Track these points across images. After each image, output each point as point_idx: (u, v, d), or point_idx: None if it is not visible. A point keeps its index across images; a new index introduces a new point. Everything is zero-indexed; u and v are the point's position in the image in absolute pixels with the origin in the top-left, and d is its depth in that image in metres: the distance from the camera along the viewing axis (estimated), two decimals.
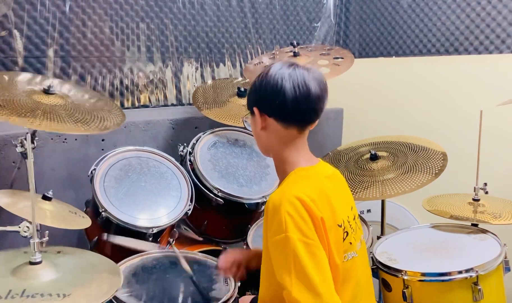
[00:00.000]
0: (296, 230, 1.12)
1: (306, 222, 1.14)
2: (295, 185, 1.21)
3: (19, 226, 1.49)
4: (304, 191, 1.17)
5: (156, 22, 2.40)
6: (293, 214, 1.13)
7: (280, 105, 1.23)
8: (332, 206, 1.21)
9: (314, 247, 1.13)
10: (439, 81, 2.63)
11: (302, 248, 1.11)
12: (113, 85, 2.32)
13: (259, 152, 2.25)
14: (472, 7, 2.58)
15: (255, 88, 1.29)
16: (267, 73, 1.25)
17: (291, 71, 1.23)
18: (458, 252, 1.69)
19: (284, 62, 1.27)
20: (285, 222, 1.12)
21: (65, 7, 2.12)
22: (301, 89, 1.21)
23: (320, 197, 1.19)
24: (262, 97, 1.26)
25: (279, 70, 1.24)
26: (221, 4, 2.61)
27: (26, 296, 1.16)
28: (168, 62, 2.48)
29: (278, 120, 1.25)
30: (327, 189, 1.23)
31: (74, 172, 2.14)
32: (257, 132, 1.31)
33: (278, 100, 1.22)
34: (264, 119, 1.27)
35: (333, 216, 1.21)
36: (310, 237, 1.13)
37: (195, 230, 2.10)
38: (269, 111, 1.26)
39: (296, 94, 1.21)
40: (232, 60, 2.71)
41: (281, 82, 1.21)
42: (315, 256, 1.12)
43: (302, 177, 1.24)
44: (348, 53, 2.36)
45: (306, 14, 3.03)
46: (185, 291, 1.53)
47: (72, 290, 1.20)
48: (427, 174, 1.88)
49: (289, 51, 2.38)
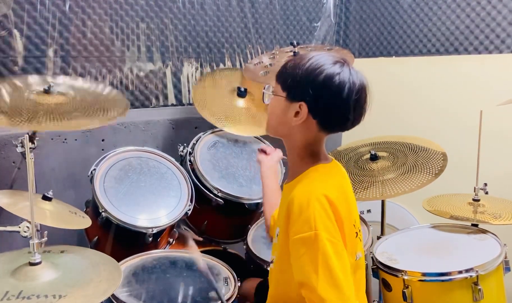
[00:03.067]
0: (325, 229, 1.11)
1: (332, 221, 1.13)
2: (318, 182, 1.20)
3: (19, 226, 1.49)
4: (328, 188, 1.17)
5: (156, 22, 2.40)
6: (322, 212, 1.12)
7: (337, 115, 1.19)
8: (348, 204, 1.22)
9: (339, 247, 1.13)
10: (439, 81, 2.63)
11: (330, 248, 1.10)
12: (113, 85, 2.32)
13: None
14: (472, 7, 2.58)
15: (313, 83, 1.16)
16: (331, 74, 1.15)
17: (355, 79, 1.17)
18: (458, 252, 1.69)
19: (341, 60, 1.19)
20: (314, 220, 1.11)
21: (65, 7, 2.12)
22: (361, 102, 1.19)
23: (341, 195, 1.20)
24: (321, 98, 1.17)
25: (348, 76, 1.16)
26: (221, 4, 2.61)
27: (22, 298, 1.16)
28: (168, 62, 2.48)
29: (321, 125, 1.20)
30: (344, 187, 1.24)
31: (74, 172, 2.13)
32: (284, 119, 1.22)
33: (339, 111, 1.18)
34: (307, 117, 1.19)
35: (349, 214, 1.21)
36: (336, 237, 1.13)
37: (195, 230, 2.10)
38: (319, 115, 1.19)
39: (355, 108, 1.18)
40: (232, 60, 2.71)
41: (348, 93, 1.15)
42: (341, 257, 1.12)
43: (324, 174, 1.23)
44: (348, 53, 2.36)
45: (306, 14, 3.02)
46: (185, 290, 1.53)
47: (69, 291, 1.19)
48: (427, 174, 1.88)
49: (289, 51, 2.38)
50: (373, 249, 1.77)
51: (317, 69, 1.16)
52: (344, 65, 1.18)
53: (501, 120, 2.25)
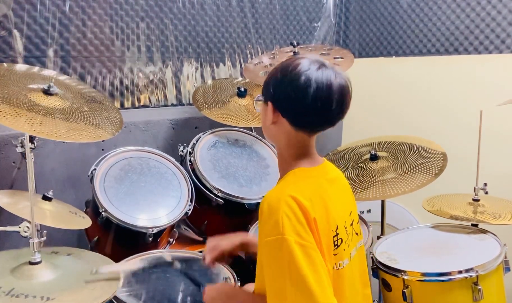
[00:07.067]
0: (293, 232, 1.08)
1: (302, 224, 1.10)
2: (291, 185, 1.18)
3: (19, 226, 1.49)
4: (299, 191, 1.13)
5: (156, 22, 2.40)
6: (290, 215, 1.09)
7: (298, 111, 1.17)
8: (327, 209, 1.17)
9: (310, 249, 1.09)
10: (439, 81, 2.63)
11: (298, 250, 1.07)
12: (113, 85, 2.32)
13: (259, 152, 2.27)
14: (472, 7, 2.58)
15: (275, 81, 1.20)
16: (292, 70, 1.16)
17: (318, 75, 1.14)
18: (458, 252, 1.69)
19: (313, 61, 1.17)
20: (282, 224, 1.08)
21: (65, 7, 2.12)
22: (324, 100, 1.14)
23: (316, 198, 1.16)
24: (281, 95, 1.18)
25: (306, 71, 1.14)
26: (221, 4, 2.61)
27: (11, 296, 1.16)
28: (168, 62, 2.48)
29: (291, 123, 1.20)
30: (324, 192, 1.19)
31: (74, 172, 2.14)
32: (266, 124, 1.25)
33: (297, 106, 1.16)
34: (277, 116, 1.20)
35: (327, 220, 1.17)
36: (306, 239, 1.09)
37: (195, 230, 2.10)
38: (283, 112, 1.19)
39: (318, 105, 1.14)
40: (232, 60, 2.71)
41: (305, 87, 1.13)
42: (311, 258, 1.08)
43: (300, 178, 1.21)
44: (348, 53, 2.36)
45: (306, 14, 3.03)
46: (185, 290, 1.53)
47: (58, 294, 1.19)
48: (427, 174, 1.88)
49: (289, 51, 2.38)
50: (373, 249, 1.77)
51: (281, 68, 1.19)
52: (308, 61, 1.17)
53: (501, 120, 2.25)
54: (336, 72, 1.17)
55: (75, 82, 2.00)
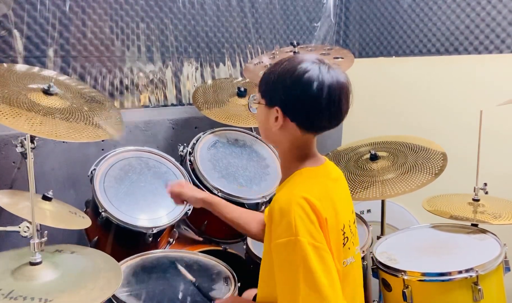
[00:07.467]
0: (306, 233, 1.08)
1: (315, 225, 1.11)
2: (301, 185, 1.18)
3: (19, 226, 1.49)
4: (309, 191, 1.14)
5: (156, 22, 2.40)
6: (303, 216, 1.09)
7: (311, 115, 1.16)
8: (335, 208, 1.18)
9: (323, 250, 1.10)
10: (439, 81, 2.63)
11: (311, 252, 1.07)
12: (113, 85, 2.32)
13: (259, 152, 2.27)
14: (472, 7, 2.58)
15: (283, 85, 1.17)
16: (301, 74, 1.14)
17: (328, 78, 1.13)
18: (458, 252, 1.69)
19: (317, 62, 1.16)
20: (295, 225, 1.08)
21: (65, 7, 2.12)
22: (337, 102, 1.14)
23: (325, 198, 1.17)
24: (293, 101, 1.16)
25: (317, 74, 1.13)
26: (221, 4, 2.61)
27: (10, 298, 1.15)
28: (168, 62, 2.48)
29: (300, 126, 1.19)
30: (331, 192, 1.20)
31: (74, 172, 2.14)
32: (267, 126, 1.23)
33: (310, 110, 1.15)
34: (284, 120, 1.18)
35: (336, 219, 1.18)
36: (319, 240, 1.10)
37: (195, 230, 2.10)
38: (294, 116, 1.17)
39: (331, 108, 1.14)
40: (232, 60, 2.71)
41: (319, 92, 1.12)
42: (324, 260, 1.09)
43: (308, 178, 1.21)
44: (348, 53, 2.36)
45: (306, 14, 3.03)
46: (184, 291, 1.53)
47: (56, 296, 1.18)
48: (427, 174, 1.88)
49: (289, 51, 2.38)
50: (373, 249, 1.77)
51: (287, 72, 1.17)
52: (315, 64, 1.16)
53: (501, 120, 2.25)
54: (338, 70, 1.17)
55: (75, 82, 2.00)
